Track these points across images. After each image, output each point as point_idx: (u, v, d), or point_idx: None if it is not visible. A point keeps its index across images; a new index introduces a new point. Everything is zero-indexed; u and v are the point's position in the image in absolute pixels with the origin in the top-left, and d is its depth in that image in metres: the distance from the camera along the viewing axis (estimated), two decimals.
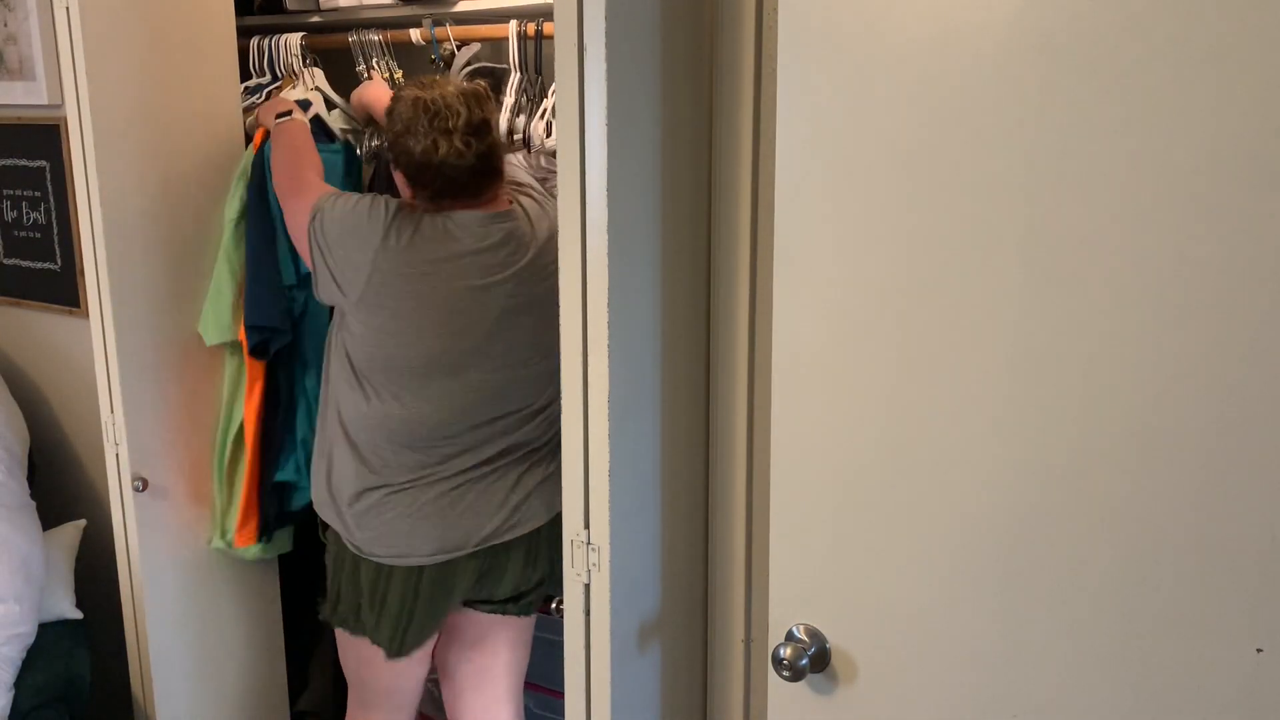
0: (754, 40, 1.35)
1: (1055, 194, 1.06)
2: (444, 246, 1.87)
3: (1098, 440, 1.08)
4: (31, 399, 2.52)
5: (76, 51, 2.00)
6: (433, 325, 1.86)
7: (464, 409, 1.89)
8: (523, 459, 1.96)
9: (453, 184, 1.88)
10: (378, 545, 1.93)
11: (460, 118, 1.86)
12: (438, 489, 1.91)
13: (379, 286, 1.86)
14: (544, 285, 1.91)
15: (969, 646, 1.20)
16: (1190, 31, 0.98)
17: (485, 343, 1.88)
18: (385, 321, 1.87)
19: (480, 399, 1.89)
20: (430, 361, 1.87)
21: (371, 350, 1.89)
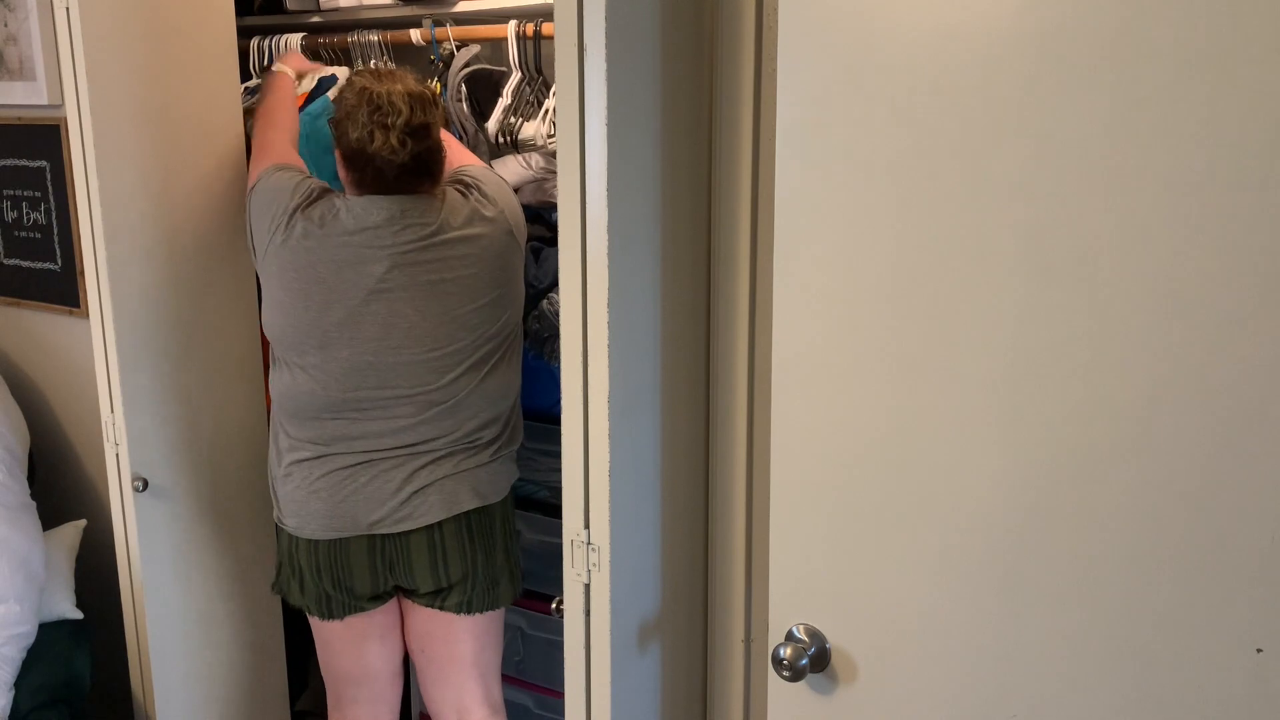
0: (754, 40, 1.36)
1: (1055, 194, 1.06)
2: (329, 224, 1.92)
3: (1097, 440, 1.08)
4: (31, 399, 2.52)
5: (76, 51, 2.00)
6: (303, 297, 1.92)
7: (336, 384, 1.93)
8: (422, 454, 1.97)
9: (380, 176, 1.93)
10: (286, 515, 2.01)
11: (400, 116, 1.90)
12: (330, 465, 1.97)
13: (271, 257, 1.94)
14: (432, 275, 1.92)
15: (969, 646, 1.20)
16: (1189, 31, 0.98)
17: (351, 320, 1.91)
18: (273, 292, 1.96)
19: (352, 375, 1.93)
20: (303, 333, 1.93)
21: (268, 320, 1.99)
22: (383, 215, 1.91)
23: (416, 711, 2.44)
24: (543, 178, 2.21)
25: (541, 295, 2.14)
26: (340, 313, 1.91)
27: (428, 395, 1.95)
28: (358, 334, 1.91)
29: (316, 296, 1.91)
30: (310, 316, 1.91)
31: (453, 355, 1.94)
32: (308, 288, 1.91)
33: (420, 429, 1.96)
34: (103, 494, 2.42)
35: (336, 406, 1.95)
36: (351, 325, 1.91)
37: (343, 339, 1.91)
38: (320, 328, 1.91)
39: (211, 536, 2.30)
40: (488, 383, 1.99)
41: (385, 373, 1.93)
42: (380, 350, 1.92)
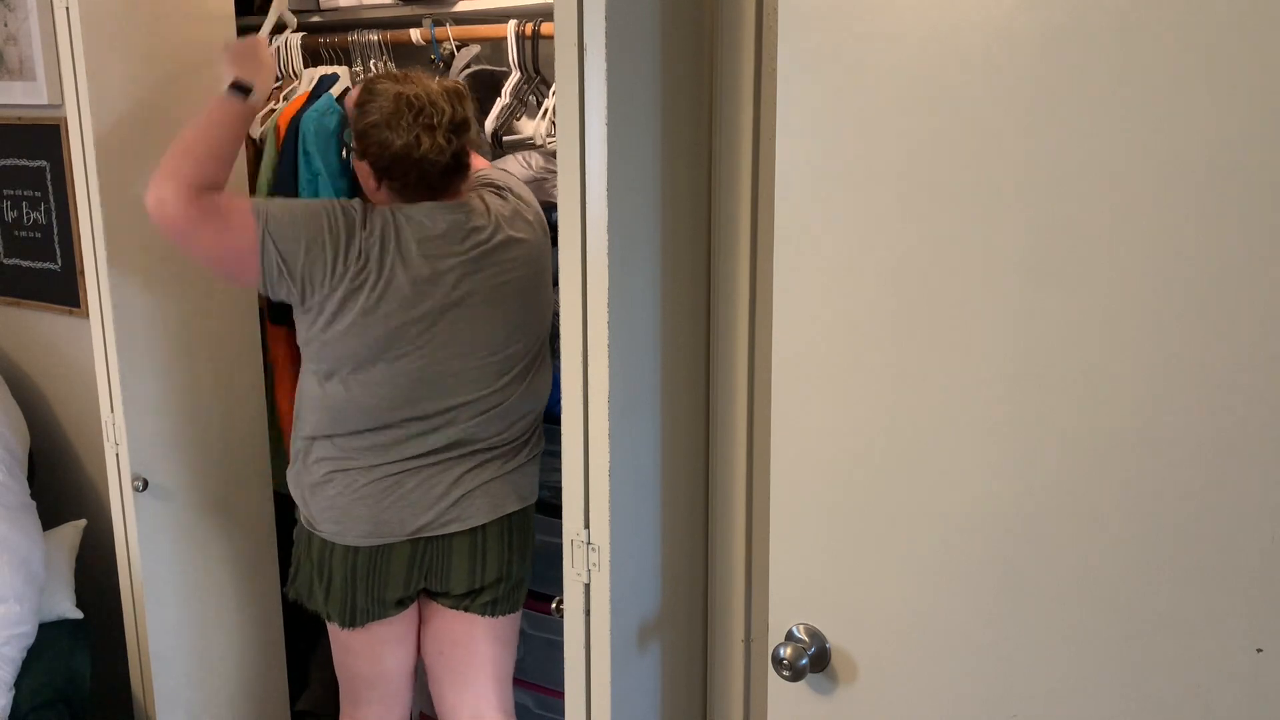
0: (754, 40, 1.35)
1: (1055, 195, 1.06)
2: (401, 240, 1.88)
3: (1098, 440, 1.08)
4: (31, 399, 2.52)
5: (76, 51, 2.00)
6: (383, 319, 1.88)
7: (403, 396, 1.90)
8: (470, 455, 1.96)
9: (425, 180, 1.90)
10: (322, 521, 1.97)
11: (445, 115, 1.87)
12: (377, 474, 1.93)
13: (345, 283, 1.87)
14: (495, 280, 1.91)
15: (969, 646, 1.20)
16: (1191, 31, 0.98)
17: (426, 333, 1.89)
18: (345, 316, 1.89)
19: (419, 387, 1.90)
20: (376, 350, 1.89)
21: (328, 341, 1.91)
22: (445, 223, 1.89)
23: (416, 711, 2.43)
24: (543, 178, 2.21)
25: None
26: (417, 328, 1.88)
27: (485, 399, 1.94)
28: (429, 345, 1.89)
29: (396, 315, 1.87)
30: (387, 333, 1.87)
31: (510, 359, 1.94)
32: (389, 308, 1.86)
33: (471, 432, 1.95)
34: (103, 494, 2.42)
35: (397, 417, 1.91)
36: (425, 337, 1.88)
37: (415, 352, 1.89)
38: (396, 343, 1.88)
39: (212, 536, 2.30)
40: (533, 384, 1.99)
41: (450, 380, 1.91)
42: (448, 359, 1.90)
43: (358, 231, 1.86)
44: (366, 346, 1.88)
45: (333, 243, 1.85)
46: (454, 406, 1.93)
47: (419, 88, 1.88)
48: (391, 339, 1.87)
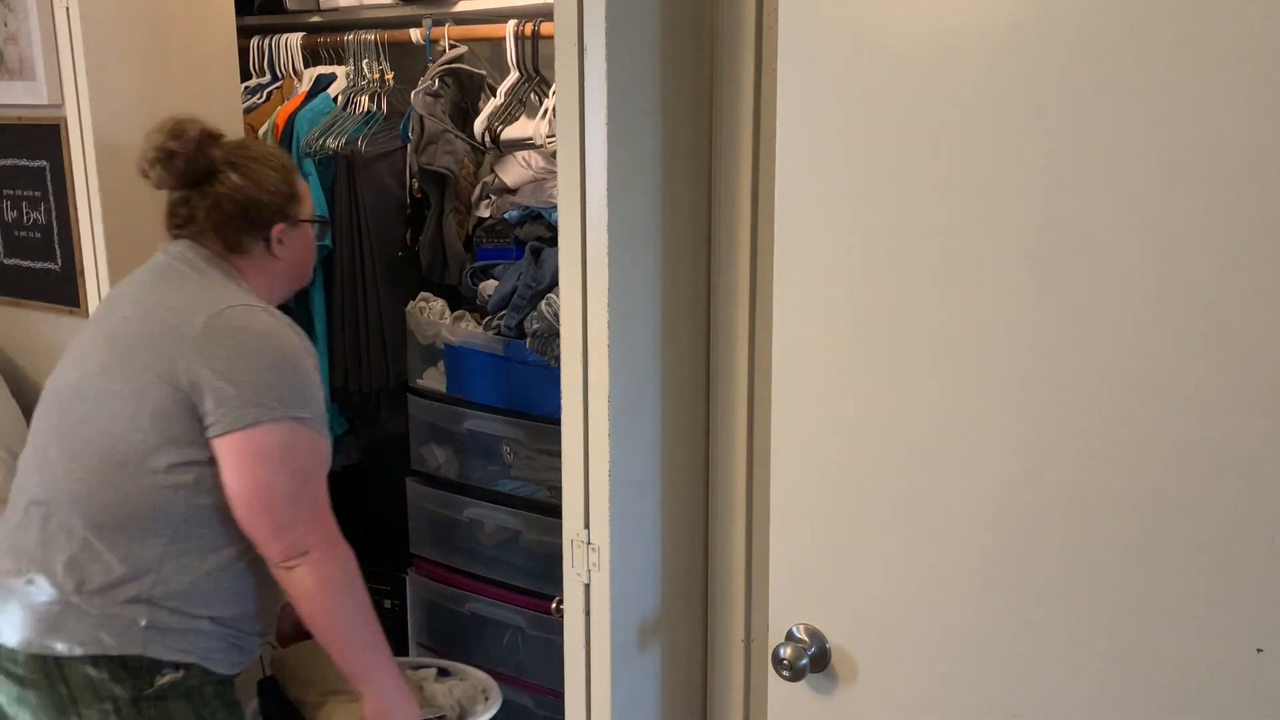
0: (754, 41, 1.35)
1: (1056, 194, 1.06)
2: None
3: (1099, 441, 1.08)
4: (31, 399, 2.51)
5: (76, 51, 2.01)
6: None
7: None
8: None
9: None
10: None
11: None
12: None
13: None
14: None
15: (969, 646, 1.20)
16: (1194, 30, 0.98)
17: None
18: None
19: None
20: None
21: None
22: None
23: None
24: (543, 178, 2.22)
25: (541, 295, 2.14)
26: None
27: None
28: None
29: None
30: None
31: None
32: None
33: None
34: None
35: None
36: None
37: None
38: None
39: None
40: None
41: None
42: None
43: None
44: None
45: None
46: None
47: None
48: None
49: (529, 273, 2.17)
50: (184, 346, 1.52)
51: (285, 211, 1.69)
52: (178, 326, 1.54)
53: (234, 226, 1.64)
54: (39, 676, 1.50)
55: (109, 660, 1.50)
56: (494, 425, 2.27)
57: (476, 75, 2.37)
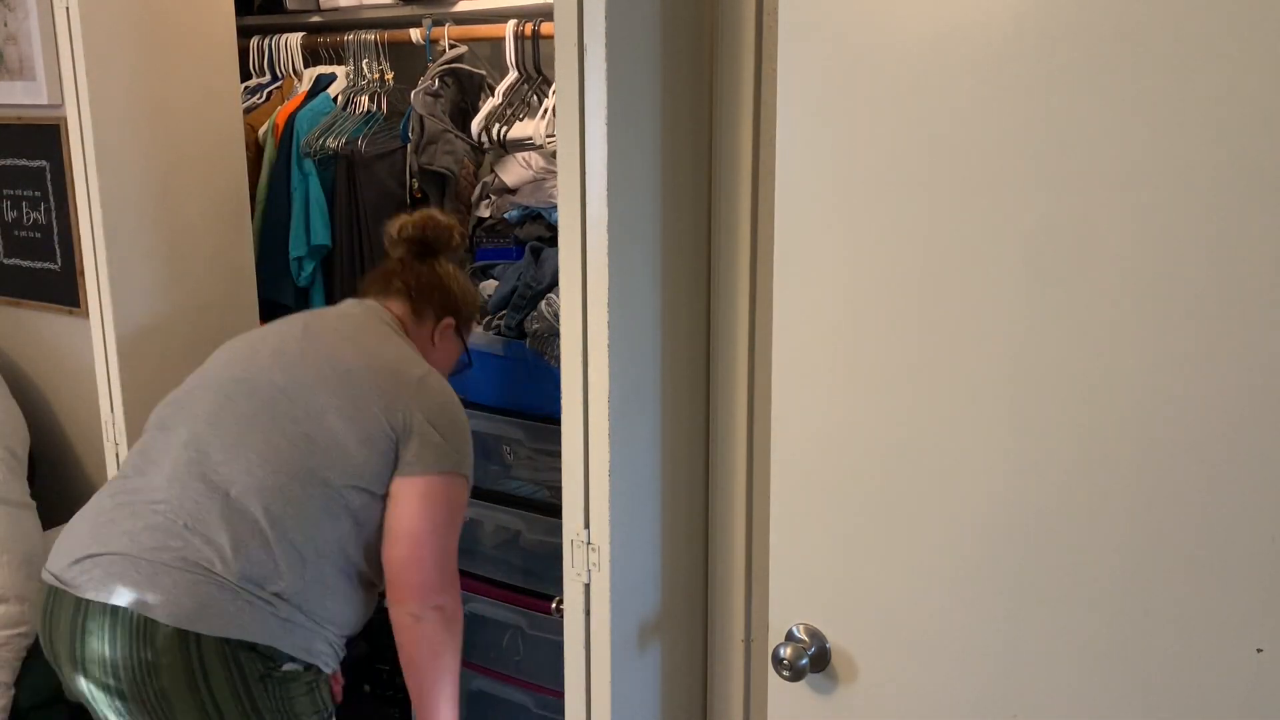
0: (754, 41, 1.35)
1: (1057, 194, 1.06)
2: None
3: (1099, 440, 1.08)
4: (31, 399, 2.52)
5: (76, 51, 2.00)
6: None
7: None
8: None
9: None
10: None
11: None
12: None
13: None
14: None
15: (969, 646, 1.20)
16: (1195, 29, 0.98)
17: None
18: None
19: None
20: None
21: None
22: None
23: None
24: (542, 178, 2.22)
25: (541, 295, 2.14)
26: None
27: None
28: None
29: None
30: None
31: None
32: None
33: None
34: None
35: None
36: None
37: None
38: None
39: None
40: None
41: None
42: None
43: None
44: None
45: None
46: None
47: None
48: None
49: (529, 273, 2.17)
50: (405, 392, 1.69)
51: (460, 316, 1.97)
52: (398, 373, 1.72)
53: (427, 299, 1.91)
54: (176, 649, 1.53)
55: (242, 644, 1.55)
56: (494, 425, 2.27)
57: (476, 75, 2.37)
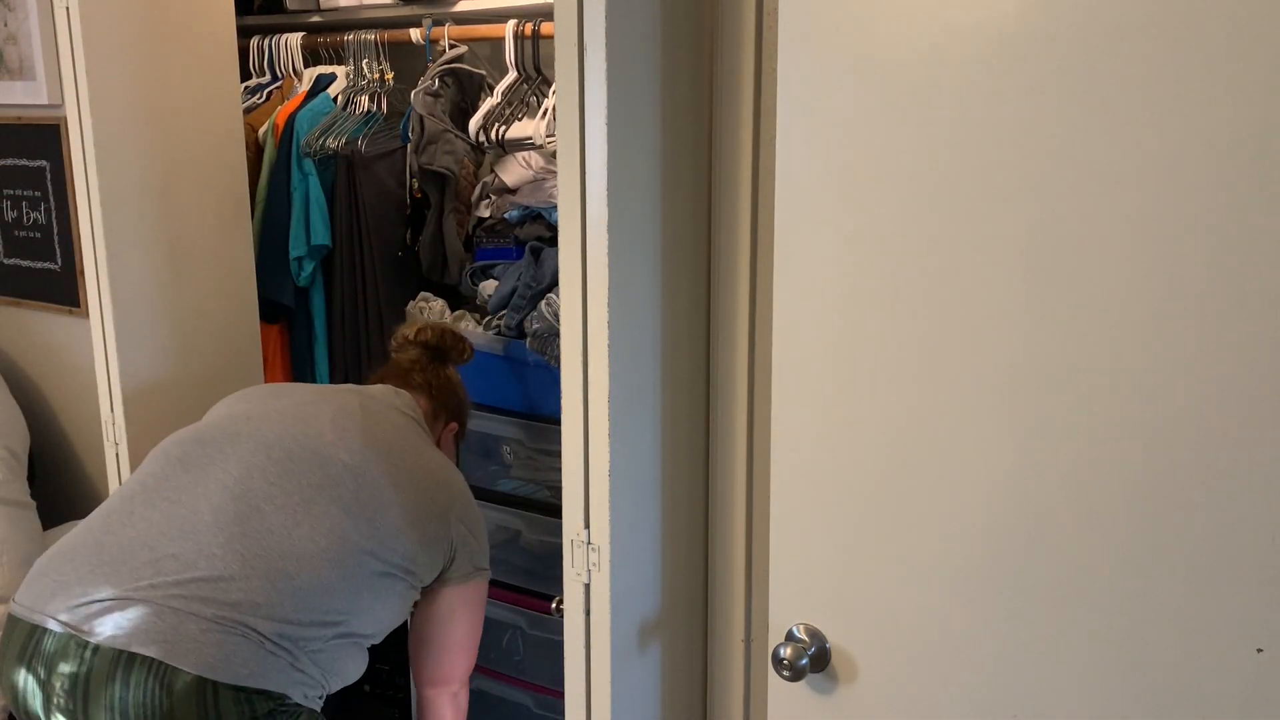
0: (754, 41, 1.35)
1: (1058, 195, 1.06)
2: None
3: (1099, 440, 1.08)
4: (31, 399, 2.52)
5: (76, 51, 2.00)
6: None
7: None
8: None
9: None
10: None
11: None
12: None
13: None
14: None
15: (969, 646, 1.20)
16: (1196, 32, 0.98)
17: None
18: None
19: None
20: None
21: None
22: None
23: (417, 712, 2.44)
24: (542, 178, 2.22)
25: (541, 295, 2.14)
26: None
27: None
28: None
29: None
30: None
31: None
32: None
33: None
34: (103, 494, 2.41)
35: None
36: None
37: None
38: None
39: None
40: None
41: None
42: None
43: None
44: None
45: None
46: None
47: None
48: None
49: (529, 273, 2.17)
50: (457, 502, 1.77)
51: (463, 424, 2.07)
52: (450, 484, 1.79)
53: (443, 398, 2.00)
54: (193, 697, 1.48)
55: (257, 691, 1.52)
56: (494, 425, 2.27)
57: (476, 75, 2.37)
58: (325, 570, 1.58)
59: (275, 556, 1.56)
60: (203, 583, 1.52)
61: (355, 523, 1.63)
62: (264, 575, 1.54)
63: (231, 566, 1.54)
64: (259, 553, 1.56)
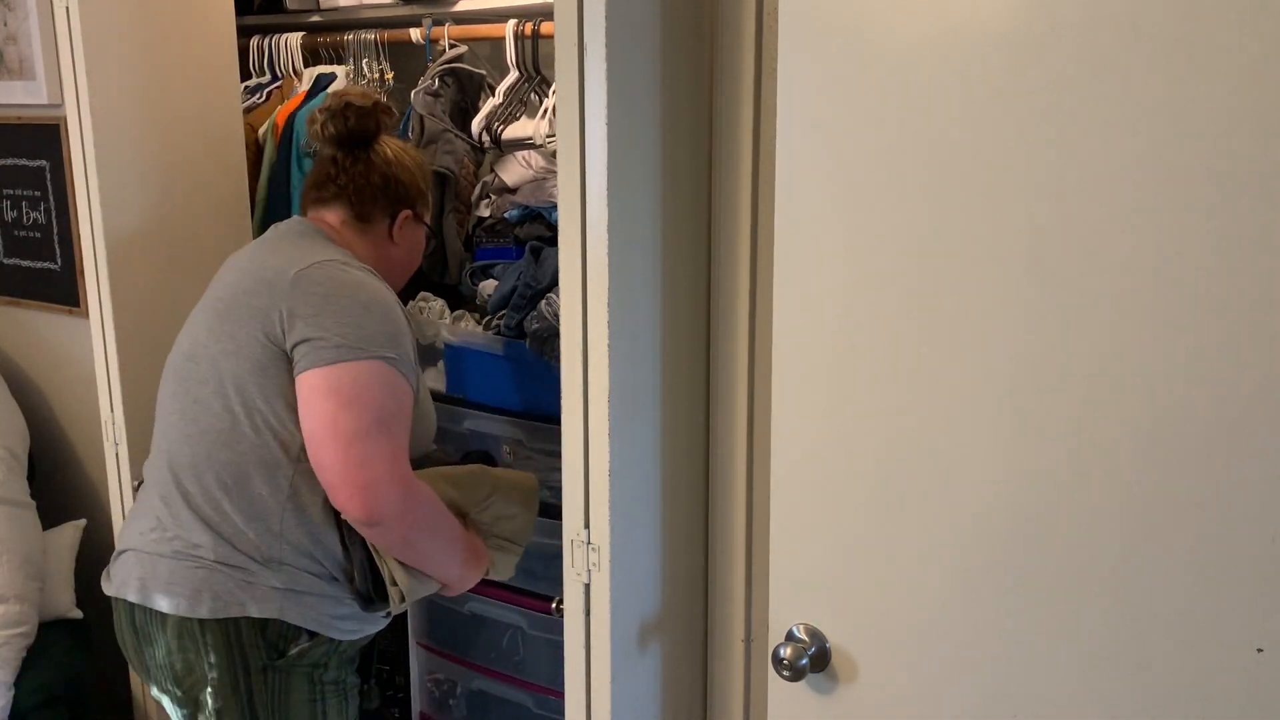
0: (754, 40, 1.35)
1: (1058, 195, 1.06)
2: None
3: (1099, 441, 1.08)
4: (31, 399, 2.52)
5: (76, 51, 2.00)
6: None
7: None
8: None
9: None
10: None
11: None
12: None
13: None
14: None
15: (969, 646, 1.20)
16: (1195, 30, 0.98)
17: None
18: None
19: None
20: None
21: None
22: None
23: (417, 712, 2.44)
24: (543, 178, 2.21)
25: (541, 295, 2.14)
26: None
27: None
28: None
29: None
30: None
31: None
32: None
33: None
34: (103, 494, 2.41)
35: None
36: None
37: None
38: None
39: None
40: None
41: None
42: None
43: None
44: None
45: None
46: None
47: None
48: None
49: (529, 272, 2.17)
50: (277, 298, 1.55)
51: (415, 203, 1.79)
52: (272, 282, 1.57)
53: (370, 195, 1.73)
54: (184, 641, 1.53)
55: (249, 623, 1.53)
56: (494, 425, 2.27)
57: (476, 75, 2.37)
58: (213, 471, 1.54)
59: (175, 482, 1.58)
60: (154, 525, 1.58)
61: (207, 408, 1.57)
62: (183, 504, 1.56)
63: (162, 505, 1.58)
64: (170, 483, 1.58)
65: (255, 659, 1.53)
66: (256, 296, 1.57)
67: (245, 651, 1.53)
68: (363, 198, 1.74)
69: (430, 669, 2.37)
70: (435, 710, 2.46)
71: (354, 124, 1.73)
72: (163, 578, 1.54)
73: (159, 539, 1.57)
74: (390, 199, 1.76)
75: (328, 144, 1.76)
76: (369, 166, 1.75)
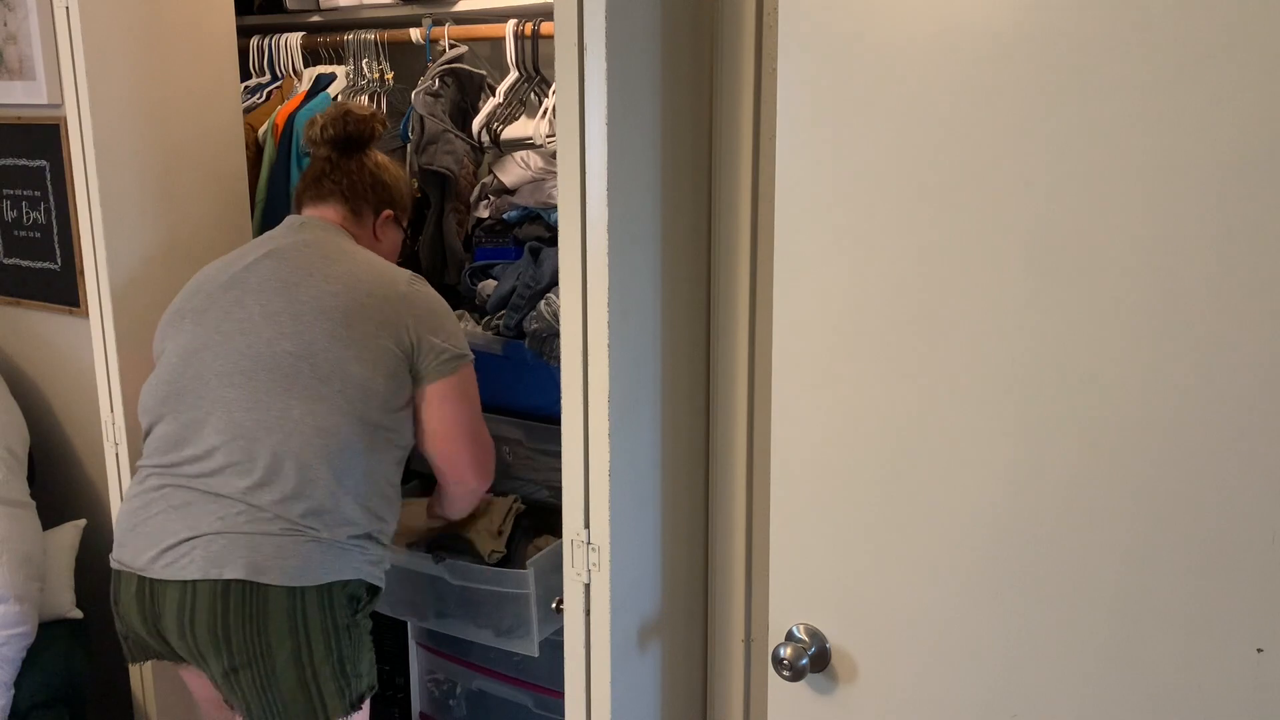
0: (754, 40, 1.35)
1: (1058, 195, 1.06)
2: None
3: (1100, 441, 1.08)
4: (31, 399, 2.52)
5: (76, 51, 2.00)
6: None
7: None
8: (218, 498, 1.70)
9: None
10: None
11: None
12: (143, 486, 1.77)
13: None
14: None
15: (969, 646, 1.20)
16: (1195, 31, 0.98)
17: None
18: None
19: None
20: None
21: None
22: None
23: (417, 711, 2.44)
24: (541, 178, 2.21)
25: (540, 295, 2.14)
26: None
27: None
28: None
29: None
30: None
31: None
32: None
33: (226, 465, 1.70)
34: (103, 494, 2.41)
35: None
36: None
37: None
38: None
39: None
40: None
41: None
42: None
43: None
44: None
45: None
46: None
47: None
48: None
49: (528, 272, 2.16)
50: (401, 313, 1.76)
51: (396, 205, 2.00)
52: (386, 297, 1.76)
53: (362, 192, 1.94)
54: (296, 607, 1.67)
55: (340, 586, 1.71)
56: (494, 425, 2.27)
57: (476, 75, 2.37)
58: (332, 459, 1.69)
59: (288, 466, 1.68)
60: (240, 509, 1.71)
61: (331, 403, 1.69)
62: (296, 484, 1.68)
63: (256, 493, 1.70)
64: (274, 473, 1.69)
65: (343, 618, 1.71)
66: (375, 308, 1.75)
67: (335, 612, 1.70)
68: (355, 194, 1.93)
69: (430, 669, 2.36)
70: (435, 710, 2.45)
71: (351, 129, 1.93)
72: (269, 553, 1.65)
73: (251, 519, 1.67)
74: (378, 198, 1.96)
75: (324, 145, 1.94)
76: (361, 166, 1.95)
